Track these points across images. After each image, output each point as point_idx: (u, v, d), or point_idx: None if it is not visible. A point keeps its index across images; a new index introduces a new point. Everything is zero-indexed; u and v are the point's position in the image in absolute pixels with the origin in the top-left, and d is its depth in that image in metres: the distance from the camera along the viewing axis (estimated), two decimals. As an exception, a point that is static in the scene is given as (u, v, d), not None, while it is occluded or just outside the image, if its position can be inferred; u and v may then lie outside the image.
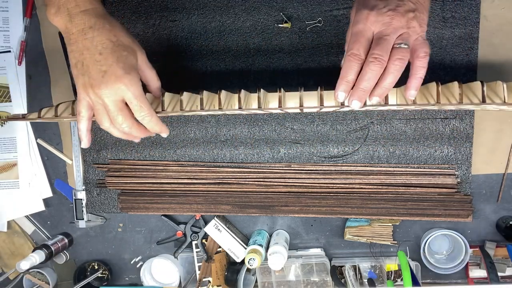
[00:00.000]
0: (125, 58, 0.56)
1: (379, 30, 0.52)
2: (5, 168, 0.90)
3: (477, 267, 0.84)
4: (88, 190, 0.89)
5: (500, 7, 0.75)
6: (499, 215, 0.82)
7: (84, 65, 0.55)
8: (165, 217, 0.88)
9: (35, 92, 0.88)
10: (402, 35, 0.52)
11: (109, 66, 0.55)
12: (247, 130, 0.82)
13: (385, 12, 0.52)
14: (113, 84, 0.54)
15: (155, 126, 0.60)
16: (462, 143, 0.78)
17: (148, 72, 0.63)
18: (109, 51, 0.55)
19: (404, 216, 0.82)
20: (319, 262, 0.85)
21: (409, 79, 0.55)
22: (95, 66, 0.55)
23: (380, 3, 0.52)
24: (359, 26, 0.53)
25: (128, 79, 0.55)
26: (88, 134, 0.61)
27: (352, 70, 0.53)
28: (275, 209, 0.84)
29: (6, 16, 0.86)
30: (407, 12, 0.52)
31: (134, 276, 0.93)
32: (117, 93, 0.55)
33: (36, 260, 0.85)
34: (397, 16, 0.51)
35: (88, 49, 0.55)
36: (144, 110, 0.58)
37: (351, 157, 0.81)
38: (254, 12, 0.79)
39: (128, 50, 0.57)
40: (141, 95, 0.57)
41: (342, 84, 0.54)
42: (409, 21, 0.52)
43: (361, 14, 0.53)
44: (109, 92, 0.55)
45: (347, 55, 0.53)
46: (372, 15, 0.52)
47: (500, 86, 0.58)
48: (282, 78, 0.80)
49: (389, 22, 0.51)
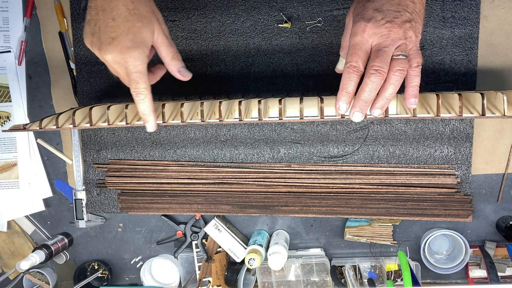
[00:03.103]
0: (137, 30, 0.55)
1: (377, 42, 0.52)
2: (5, 168, 0.90)
3: (477, 267, 0.84)
4: (88, 190, 0.89)
5: (500, 7, 0.75)
6: (499, 215, 0.82)
7: (97, 26, 0.55)
8: (165, 217, 0.88)
9: (35, 92, 0.88)
10: (400, 46, 0.53)
11: (119, 34, 0.54)
12: (247, 130, 0.82)
13: (383, 24, 0.52)
14: (117, 54, 0.55)
15: (145, 109, 0.59)
16: (462, 143, 0.78)
17: (164, 49, 0.61)
18: (122, 19, 0.55)
19: (404, 216, 0.82)
20: (319, 262, 0.85)
21: (406, 89, 0.56)
22: (106, 31, 0.55)
23: (378, 14, 0.52)
24: (356, 38, 0.53)
25: (133, 53, 0.55)
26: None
27: (352, 81, 0.53)
28: (275, 209, 0.84)
29: (6, 16, 0.86)
30: (404, 23, 0.52)
31: (134, 276, 0.93)
32: (120, 62, 0.55)
33: (36, 260, 0.85)
34: (395, 27, 0.52)
35: (104, 10, 0.55)
36: (140, 87, 0.57)
37: (351, 157, 0.81)
38: (254, 12, 0.79)
39: (143, 21, 0.56)
40: (142, 72, 0.57)
41: (343, 95, 0.54)
42: (406, 32, 0.52)
43: (359, 26, 0.53)
44: (113, 59, 0.55)
45: (346, 66, 0.54)
46: (369, 27, 0.52)
47: (500, 98, 0.58)
48: (282, 78, 0.80)
49: (387, 34, 0.52)
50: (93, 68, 0.84)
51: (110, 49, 0.55)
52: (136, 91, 0.58)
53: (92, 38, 0.56)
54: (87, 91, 0.85)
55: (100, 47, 0.55)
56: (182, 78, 0.65)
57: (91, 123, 0.66)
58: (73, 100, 0.86)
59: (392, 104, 0.68)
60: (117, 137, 0.85)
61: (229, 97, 0.81)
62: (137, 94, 0.58)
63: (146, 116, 0.60)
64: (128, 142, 0.85)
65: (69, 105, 0.87)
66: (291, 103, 0.70)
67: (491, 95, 0.61)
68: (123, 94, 0.84)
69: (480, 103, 0.57)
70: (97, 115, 0.68)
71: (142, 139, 0.85)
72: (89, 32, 0.56)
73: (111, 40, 0.55)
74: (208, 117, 0.65)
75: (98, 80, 0.84)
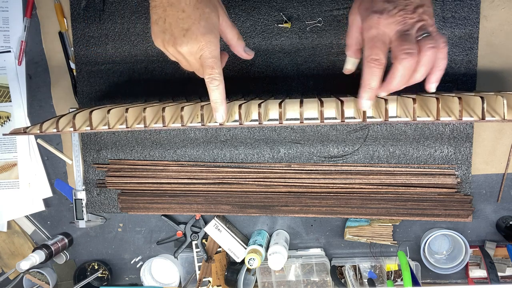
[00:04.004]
0: (208, 16, 0.55)
1: (396, 29, 0.51)
2: (5, 168, 0.90)
3: (477, 267, 0.84)
4: (88, 190, 0.89)
5: (500, 7, 0.75)
6: (499, 215, 0.82)
7: (167, 22, 0.54)
8: (165, 217, 0.88)
9: (35, 92, 0.88)
10: (420, 27, 0.51)
11: (191, 24, 0.54)
12: (247, 130, 0.82)
13: (396, 13, 0.51)
14: (193, 43, 0.54)
15: (218, 97, 0.58)
16: (462, 143, 0.78)
17: (229, 31, 0.60)
18: (192, 8, 0.54)
19: (404, 216, 0.82)
20: (319, 262, 0.85)
21: (431, 71, 0.53)
22: (178, 24, 0.54)
23: (388, 5, 0.52)
24: (372, 31, 0.52)
25: (208, 38, 0.54)
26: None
27: (375, 76, 0.52)
28: (275, 209, 0.84)
29: (6, 16, 0.86)
30: (417, 8, 0.52)
31: (134, 276, 0.93)
32: (196, 52, 0.55)
33: (36, 260, 0.85)
34: (408, 14, 0.51)
35: (171, 5, 0.54)
36: (215, 72, 0.56)
37: (351, 157, 0.81)
38: (254, 12, 0.79)
39: (210, 6, 0.55)
40: (217, 57, 0.56)
41: (366, 91, 0.53)
42: (420, 16, 0.52)
43: (371, 20, 0.52)
44: (189, 51, 0.54)
45: (366, 61, 0.52)
46: (383, 19, 0.51)
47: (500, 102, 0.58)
48: (282, 78, 0.80)
49: (403, 20, 0.51)
50: (93, 68, 0.84)
51: (185, 40, 0.54)
52: (211, 77, 0.56)
53: (164, 36, 0.55)
54: (87, 91, 0.85)
55: (175, 42, 0.54)
56: (248, 57, 0.64)
57: (91, 127, 0.66)
58: (73, 100, 0.86)
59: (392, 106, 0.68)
60: (117, 137, 0.85)
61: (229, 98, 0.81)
62: (212, 80, 0.56)
63: (217, 104, 0.58)
64: (128, 142, 0.85)
65: (69, 105, 0.87)
66: (291, 105, 0.70)
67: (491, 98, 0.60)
68: (123, 95, 0.84)
69: (480, 106, 0.57)
70: (98, 118, 0.68)
71: (142, 139, 0.85)
72: (159, 31, 0.55)
73: (185, 32, 0.54)
74: (208, 121, 0.65)
75: (98, 80, 0.84)
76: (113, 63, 0.83)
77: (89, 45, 0.84)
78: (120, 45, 0.83)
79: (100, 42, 0.83)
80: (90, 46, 0.84)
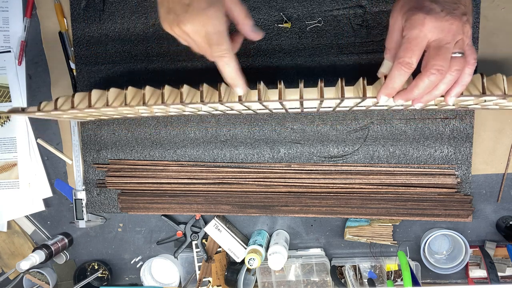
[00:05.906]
0: None
1: (438, 37, 0.50)
2: (5, 168, 0.90)
3: (477, 267, 0.84)
4: (88, 190, 0.89)
5: (500, 7, 0.75)
6: (499, 215, 0.82)
7: (170, 1, 0.53)
8: (165, 217, 0.88)
9: (35, 92, 0.88)
10: (458, 42, 0.50)
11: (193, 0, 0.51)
12: (247, 130, 0.82)
13: (444, 17, 0.49)
14: (196, 18, 0.52)
15: (232, 73, 0.55)
16: (462, 143, 0.78)
17: (236, 8, 0.56)
18: None
19: (404, 216, 0.82)
20: (319, 262, 0.85)
21: (454, 85, 0.53)
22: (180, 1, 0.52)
23: (436, 6, 0.50)
24: (414, 32, 0.50)
25: (210, 12, 0.51)
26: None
27: (401, 77, 0.51)
28: (275, 209, 0.84)
29: (6, 16, 0.86)
30: (462, 15, 0.50)
31: (134, 276, 0.93)
32: (200, 28, 0.52)
33: (36, 260, 0.85)
34: (456, 20, 0.49)
35: None
36: (222, 48, 0.53)
37: (351, 157, 0.81)
38: (254, 12, 0.79)
39: None
40: (222, 32, 0.53)
41: (387, 89, 0.53)
42: (464, 25, 0.50)
43: (417, 19, 0.50)
44: (193, 28, 0.52)
45: (397, 61, 0.51)
46: (429, 20, 0.49)
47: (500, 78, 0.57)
48: (282, 78, 0.80)
49: (449, 28, 0.49)
50: (93, 68, 0.84)
51: (188, 17, 0.52)
52: (219, 54, 0.53)
53: (168, 16, 0.53)
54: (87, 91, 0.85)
55: (179, 21, 0.52)
56: (256, 37, 0.59)
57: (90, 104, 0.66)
58: (73, 100, 0.86)
59: None
60: (117, 137, 0.85)
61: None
62: (220, 57, 0.54)
63: (234, 80, 0.56)
64: (128, 142, 0.85)
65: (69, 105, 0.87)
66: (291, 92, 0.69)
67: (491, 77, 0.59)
68: (123, 94, 0.84)
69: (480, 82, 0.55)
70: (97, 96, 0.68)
71: (142, 139, 0.85)
72: (164, 12, 0.54)
73: (186, 7, 0.52)
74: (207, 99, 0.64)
75: (98, 80, 0.84)
76: (113, 63, 0.83)
77: (89, 45, 0.84)
78: (120, 45, 0.83)
79: (100, 42, 0.83)
80: (90, 46, 0.84)
